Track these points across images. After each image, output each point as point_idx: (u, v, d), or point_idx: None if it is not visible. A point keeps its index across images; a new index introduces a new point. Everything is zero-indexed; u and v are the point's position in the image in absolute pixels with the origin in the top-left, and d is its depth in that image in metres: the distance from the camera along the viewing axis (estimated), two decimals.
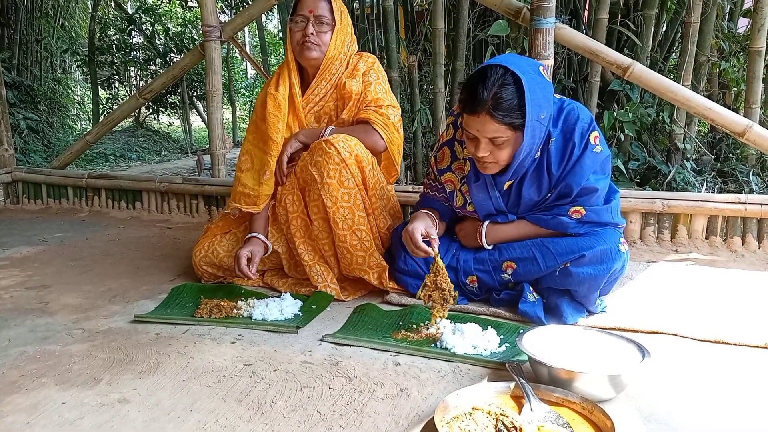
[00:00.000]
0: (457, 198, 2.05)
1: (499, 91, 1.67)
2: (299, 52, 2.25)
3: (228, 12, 8.23)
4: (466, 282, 2.03)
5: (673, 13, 3.80)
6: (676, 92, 2.80)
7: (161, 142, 8.62)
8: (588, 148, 1.84)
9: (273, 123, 2.25)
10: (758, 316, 1.88)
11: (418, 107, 3.83)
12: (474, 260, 2.02)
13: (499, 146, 1.75)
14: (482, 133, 1.73)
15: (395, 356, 1.65)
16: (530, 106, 1.68)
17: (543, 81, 1.75)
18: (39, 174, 4.20)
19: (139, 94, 4.19)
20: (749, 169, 3.42)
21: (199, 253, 2.33)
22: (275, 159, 2.25)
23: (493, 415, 1.25)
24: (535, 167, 1.88)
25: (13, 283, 2.41)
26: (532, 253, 1.91)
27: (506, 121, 1.69)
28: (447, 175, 2.05)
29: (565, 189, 1.87)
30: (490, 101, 1.67)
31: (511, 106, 1.68)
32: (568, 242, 1.86)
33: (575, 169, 1.84)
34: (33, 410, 1.40)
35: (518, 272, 1.94)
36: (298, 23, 2.24)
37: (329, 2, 2.24)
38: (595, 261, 1.81)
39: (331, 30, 2.24)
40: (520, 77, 1.67)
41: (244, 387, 1.49)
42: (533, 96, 1.69)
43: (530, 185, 1.90)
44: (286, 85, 2.30)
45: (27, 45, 7.22)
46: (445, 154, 2.05)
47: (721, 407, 1.36)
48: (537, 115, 1.72)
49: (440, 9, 3.52)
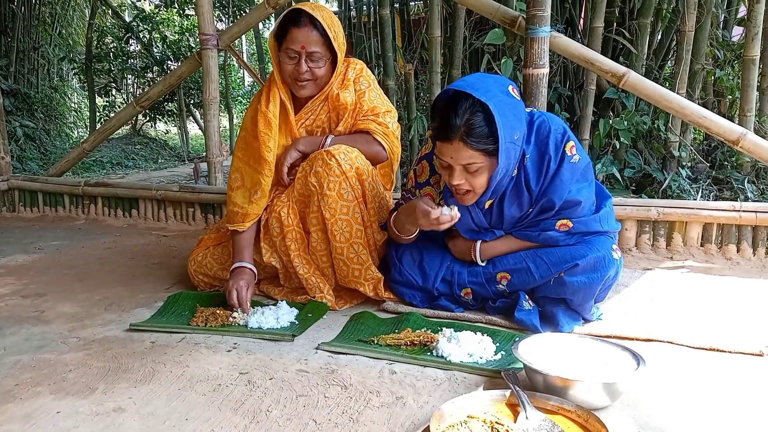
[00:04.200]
0: None
1: (471, 118, 1.66)
2: (291, 85, 2.17)
3: (225, 20, 8.24)
4: (460, 294, 2.03)
5: (668, 22, 3.83)
6: (671, 100, 2.81)
7: (158, 150, 8.61)
8: (565, 160, 1.83)
9: (264, 142, 2.17)
10: (753, 324, 1.88)
11: (414, 115, 3.84)
12: (468, 273, 2.01)
13: (474, 173, 1.75)
14: (456, 160, 1.72)
15: (391, 364, 1.65)
16: (502, 130, 1.67)
17: (513, 101, 1.74)
18: (35, 182, 4.19)
19: (136, 102, 4.19)
20: (744, 176, 3.44)
21: (193, 263, 2.32)
22: (268, 179, 2.17)
23: (489, 424, 1.25)
24: (514, 185, 1.87)
25: (9, 292, 2.40)
26: (526, 264, 1.91)
27: (479, 147, 1.69)
28: (426, 189, 2.04)
29: (547, 204, 1.86)
30: (463, 128, 1.67)
31: (483, 133, 1.67)
32: (562, 252, 1.86)
33: (555, 182, 1.84)
34: (27, 419, 1.39)
35: (513, 282, 1.95)
36: (290, 56, 2.11)
37: (323, 35, 2.08)
38: (589, 269, 1.82)
39: (327, 61, 2.14)
40: (486, 104, 1.65)
41: (240, 396, 1.49)
42: (504, 120, 1.68)
43: (511, 203, 1.90)
44: (277, 103, 2.20)
45: (24, 53, 7.22)
46: (425, 168, 2.04)
47: (716, 415, 1.37)
48: (510, 138, 1.71)
49: (436, 18, 3.54)
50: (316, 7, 2.13)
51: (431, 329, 1.86)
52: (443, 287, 2.03)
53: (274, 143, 2.19)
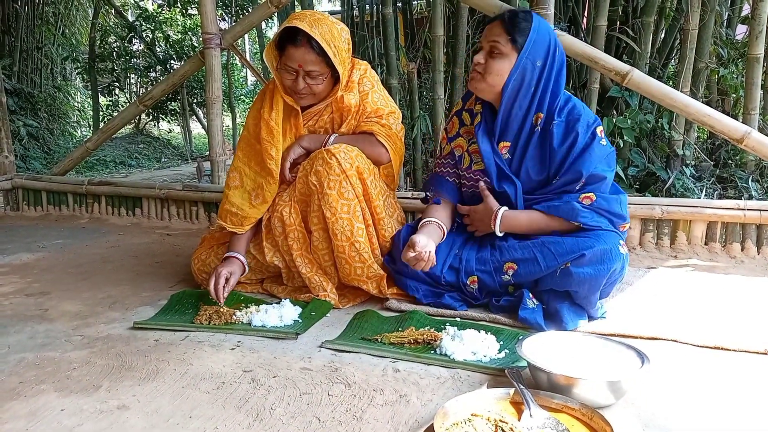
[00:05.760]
0: (464, 160, 2.14)
1: (519, 15, 1.96)
2: (291, 95, 2.17)
3: (228, 19, 8.26)
4: (466, 282, 2.02)
5: (671, 20, 3.82)
6: (674, 99, 2.80)
7: (161, 149, 8.64)
8: (595, 139, 1.96)
9: (267, 149, 2.18)
10: (757, 322, 1.88)
11: (417, 114, 3.84)
12: (476, 260, 2.02)
13: (495, 57, 1.95)
14: (488, 36, 1.96)
15: (394, 362, 1.65)
16: (529, 44, 1.92)
17: (555, 46, 1.97)
18: (39, 181, 4.20)
19: (139, 101, 4.19)
20: (748, 175, 3.42)
21: (197, 262, 2.33)
22: (273, 187, 2.18)
23: (493, 422, 1.25)
24: (538, 137, 2.00)
25: (13, 290, 2.41)
26: (533, 253, 1.92)
27: (511, 35, 1.92)
28: (457, 140, 2.19)
29: (574, 175, 1.95)
30: (508, 14, 1.97)
31: (519, 27, 1.93)
32: (569, 242, 1.87)
33: (584, 156, 1.94)
34: (32, 417, 1.39)
35: (519, 273, 1.94)
36: (288, 72, 2.10)
37: (321, 53, 2.04)
38: (596, 261, 1.82)
39: (327, 76, 2.11)
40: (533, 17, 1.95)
41: (244, 393, 1.49)
42: (537, 38, 1.93)
43: (532, 156, 2.01)
44: (279, 109, 2.20)
45: (27, 52, 7.24)
46: (455, 123, 2.22)
47: (721, 413, 1.36)
48: (531, 57, 1.94)
49: (439, 16, 3.54)
50: (315, 21, 2.05)
51: (435, 327, 1.86)
52: (450, 275, 2.03)
53: (277, 151, 2.19)
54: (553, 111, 1.98)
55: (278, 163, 2.19)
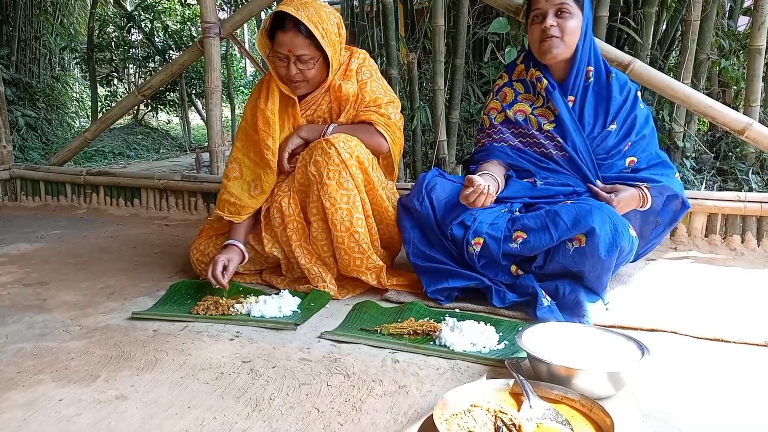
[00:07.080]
0: (531, 122, 2.17)
1: None
2: (286, 84, 2.15)
3: (227, 9, 8.20)
4: (471, 242, 1.97)
5: (673, 11, 3.80)
6: (676, 90, 2.79)
7: (160, 140, 8.62)
8: (637, 99, 2.15)
9: (263, 140, 2.17)
10: (757, 314, 1.87)
11: (417, 105, 3.82)
12: (489, 226, 1.97)
13: (565, 18, 2.01)
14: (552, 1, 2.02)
15: (394, 353, 1.65)
16: (587, 8, 2.06)
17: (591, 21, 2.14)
18: (37, 171, 4.19)
19: (137, 92, 4.17)
20: (749, 167, 3.42)
21: (195, 252, 2.32)
22: (271, 178, 2.18)
23: (492, 412, 1.25)
24: (592, 91, 2.12)
25: (11, 280, 2.40)
26: (544, 222, 1.89)
27: None
28: (515, 106, 2.22)
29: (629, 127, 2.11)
30: None
31: None
32: (581, 209, 1.85)
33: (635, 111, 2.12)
34: (30, 407, 1.39)
35: (528, 242, 1.91)
36: (279, 59, 2.10)
37: (310, 36, 2.04)
38: (606, 237, 1.80)
39: (318, 60, 2.10)
40: None
41: (242, 384, 1.49)
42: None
43: (590, 106, 2.13)
44: (276, 99, 2.19)
45: (26, 42, 7.21)
46: (507, 93, 2.26)
47: (721, 405, 1.36)
48: (587, 9, 2.06)
49: (440, 6, 3.51)
50: (302, 5, 2.04)
51: (434, 318, 1.85)
52: (458, 230, 1.99)
53: (274, 141, 2.17)
54: (600, 64, 2.13)
55: (275, 153, 2.18)
